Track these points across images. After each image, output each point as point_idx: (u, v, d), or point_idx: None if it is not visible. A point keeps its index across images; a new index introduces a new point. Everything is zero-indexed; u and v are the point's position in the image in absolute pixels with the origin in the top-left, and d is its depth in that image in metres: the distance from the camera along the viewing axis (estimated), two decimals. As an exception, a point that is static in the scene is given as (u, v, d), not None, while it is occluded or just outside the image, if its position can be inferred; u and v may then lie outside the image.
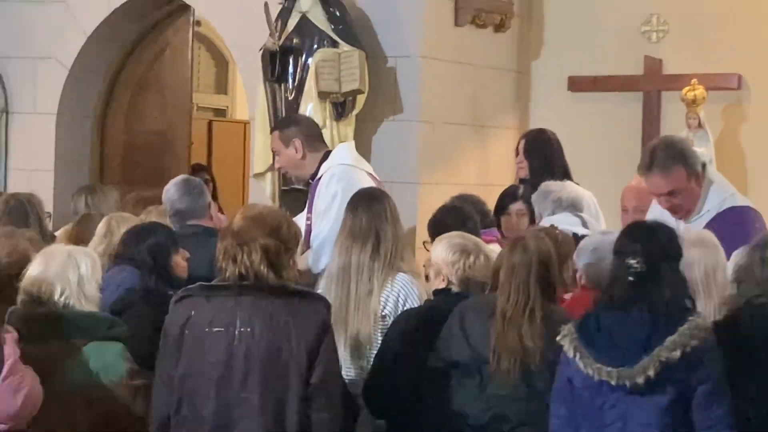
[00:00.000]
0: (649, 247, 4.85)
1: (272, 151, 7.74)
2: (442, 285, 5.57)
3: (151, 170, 10.33)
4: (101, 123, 10.51)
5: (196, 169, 10.07)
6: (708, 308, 5.14)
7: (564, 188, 7.23)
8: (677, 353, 4.70)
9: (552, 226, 6.40)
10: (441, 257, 5.57)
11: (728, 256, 5.46)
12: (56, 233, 7.31)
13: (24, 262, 5.35)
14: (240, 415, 4.67)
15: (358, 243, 5.82)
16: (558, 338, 4.88)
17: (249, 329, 4.69)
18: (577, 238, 6.04)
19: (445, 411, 5.20)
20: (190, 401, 4.73)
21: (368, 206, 5.90)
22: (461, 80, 9.40)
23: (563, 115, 9.74)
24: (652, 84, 9.58)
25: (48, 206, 8.52)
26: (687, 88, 9.18)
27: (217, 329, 4.72)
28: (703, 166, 6.45)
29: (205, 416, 4.69)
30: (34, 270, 5.15)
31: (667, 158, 6.34)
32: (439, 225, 6.39)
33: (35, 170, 10.02)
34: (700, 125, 9.14)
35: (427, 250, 6.17)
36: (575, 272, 5.71)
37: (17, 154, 10.29)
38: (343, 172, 6.95)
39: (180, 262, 6.05)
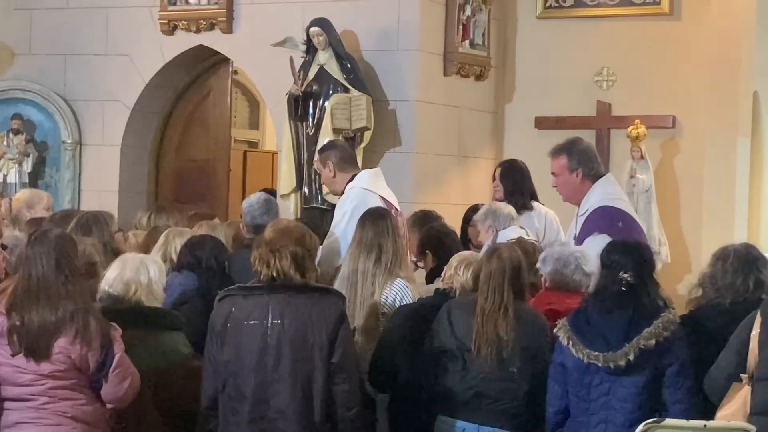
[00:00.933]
0: (637, 262, 4.97)
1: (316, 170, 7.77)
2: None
3: (196, 192, 10.29)
4: (156, 153, 10.46)
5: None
6: None
7: (508, 207, 7.23)
8: (652, 342, 4.79)
9: (520, 238, 6.45)
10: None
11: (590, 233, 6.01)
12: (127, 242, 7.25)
13: (90, 263, 5.36)
14: (275, 391, 4.68)
15: (364, 253, 5.80)
16: (555, 330, 4.98)
17: (279, 321, 4.69)
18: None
19: (436, 389, 5.20)
20: (233, 382, 4.72)
21: (373, 223, 5.88)
22: (449, 119, 9.42)
23: (531, 148, 9.66)
24: (602, 123, 9.57)
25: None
26: (631, 126, 9.19)
27: (253, 322, 4.71)
28: (598, 174, 6.57)
29: (246, 393, 4.69)
30: (112, 273, 5.13)
31: (559, 147, 6.66)
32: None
33: (103, 191, 10.00)
34: (642, 157, 9.15)
35: (419, 267, 6.25)
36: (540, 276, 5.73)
37: (88, 178, 10.23)
38: (357, 194, 6.90)
39: None
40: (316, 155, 7.52)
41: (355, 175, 7.10)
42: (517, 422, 5.10)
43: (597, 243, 5.80)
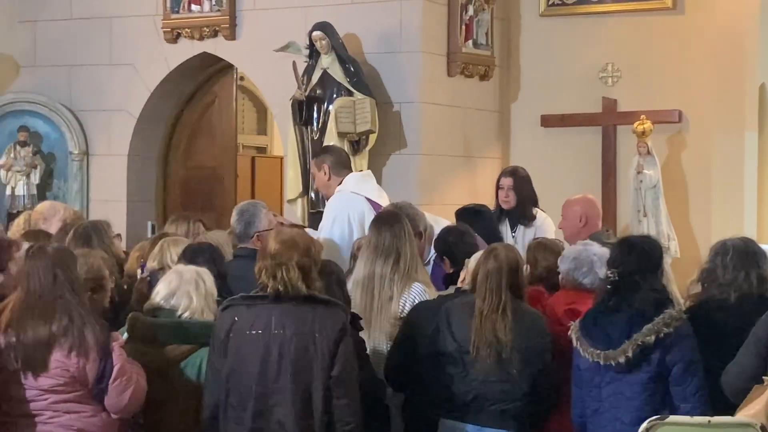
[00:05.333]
0: (638, 259, 4.97)
1: (311, 175, 7.81)
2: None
3: (204, 199, 10.30)
4: (163, 162, 10.46)
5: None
6: None
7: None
8: (651, 338, 4.79)
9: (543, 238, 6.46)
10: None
11: None
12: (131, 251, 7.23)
13: (98, 277, 5.32)
14: (275, 402, 4.64)
15: (382, 257, 5.71)
16: (569, 332, 4.98)
17: (281, 331, 4.65)
18: None
19: (437, 392, 5.18)
20: (235, 391, 4.69)
21: (389, 227, 5.78)
22: (453, 120, 9.40)
23: (537, 146, 9.73)
24: (608, 120, 9.53)
25: (122, 229, 8.55)
26: (637, 122, 9.14)
27: (255, 332, 4.68)
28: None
29: (248, 404, 4.66)
30: (165, 286, 5.10)
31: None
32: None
33: (111, 201, 10.01)
34: (648, 152, 9.10)
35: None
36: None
37: (96, 188, 10.23)
38: (339, 198, 7.04)
39: None
40: (312, 160, 7.56)
41: None
42: (519, 423, 5.09)
43: None
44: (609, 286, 4.96)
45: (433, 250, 6.41)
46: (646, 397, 4.84)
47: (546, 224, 7.82)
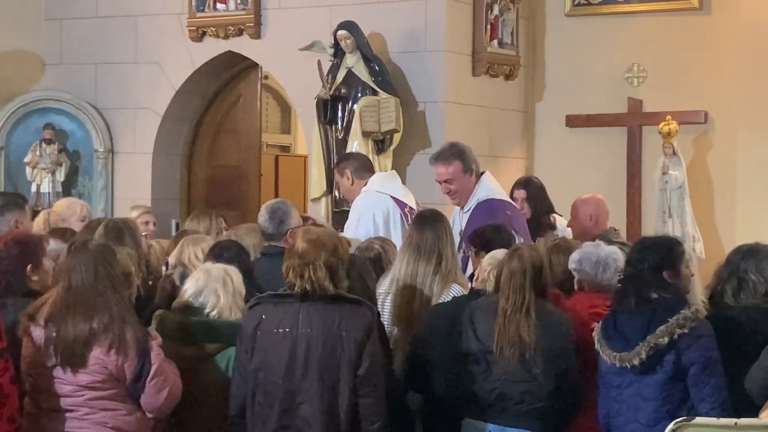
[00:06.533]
0: (642, 260, 4.95)
1: (335, 183, 7.92)
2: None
3: (229, 197, 10.32)
4: (188, 160, 10.52)
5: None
6: None
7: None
8: (665, 339, 4.76)
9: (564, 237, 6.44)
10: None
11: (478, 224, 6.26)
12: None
13: (126, 273, 5.36)
14: (302, 400, 4.66)
15: (424, 257, 5.68)
16: (593, 334, 4.97)
17: (309, 330, 4.66)
18: None
19: (462, 392, 5.17)
20: (262, 389, 4.70)
21: (432, 227, 5.75)
22: (478, 120, 9.40)
23: (562, 146, 9.74)
24: (634, 120, 9.53)
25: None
26: (663, 123, 9.14)
27: (282, 330, 4.69)
28: (481, 172, 7.06)
29: (274, 402, 4.67)
30: (193, 284, 5.11)
31: (448, 153, 6.99)
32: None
33: (136, 199, 10.02)
34: (674, 153, 9.09)
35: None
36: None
37: (121, 186, 10.31)
38: (365, 197, 7.09)
39: None
40: (334, 169, 7.62)
41: None
42: (542, 423, 5.08)
43: None
44: (625, 287, 4.95)
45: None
46: (663, 398, 4.82)
47: (568, 231, 7.78)
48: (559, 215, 7.86)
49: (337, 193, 8.76)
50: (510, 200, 7.21)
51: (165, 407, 4.73)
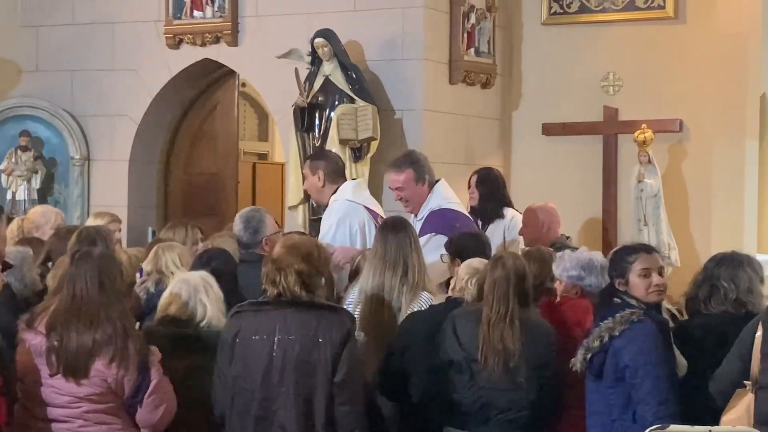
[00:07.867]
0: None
1: (302, 175, 7.85)
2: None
3: (206, 205, 10.30)
4: (165, 167, 10.47)
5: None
6: None
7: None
8: (596, 344, 4.83)
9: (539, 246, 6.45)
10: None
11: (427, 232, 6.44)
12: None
13: (129, 283, 5.34)
14: (278, 407, 4.67)
15: (390, 268, 5.71)
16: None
17: (285, 337, 4.68)
18: None
19: (444, 401, 5.19)
20: (241, 395, 4.72)
21: (395, 236, 5.78)
22: (455, 128, 9.42)
23: (538, 154, 9.77)
24: (609, 129, 9.55)
25: (122, 235, 8.54)
26: (638, 131, 9.14)
27: (259, 337, 4.71)
28: (435, 181, 7.15)
29: (252, 409, 4.69)
30: (177, 295, 5.09)
31: (401, 161, 7.14)
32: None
33: (112, 206, 9.92)
34: (649, 161, 9.11)
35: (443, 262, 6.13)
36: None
37: (97, 193, 10.24)
38: (341, 206, 7.08)
39: None
40: (306, 161, 7.58)
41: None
42: (525, 432, 5.10)
43: (435, 243, 6.36)
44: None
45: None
46: (608, 402, 4.89)
47: (513, 222, 7.89)
48: (519, 212, 7.94)
49: (314, 202, 8.78)
50: (464, 211, 7.31)
51: (160, 424, 4.72)
